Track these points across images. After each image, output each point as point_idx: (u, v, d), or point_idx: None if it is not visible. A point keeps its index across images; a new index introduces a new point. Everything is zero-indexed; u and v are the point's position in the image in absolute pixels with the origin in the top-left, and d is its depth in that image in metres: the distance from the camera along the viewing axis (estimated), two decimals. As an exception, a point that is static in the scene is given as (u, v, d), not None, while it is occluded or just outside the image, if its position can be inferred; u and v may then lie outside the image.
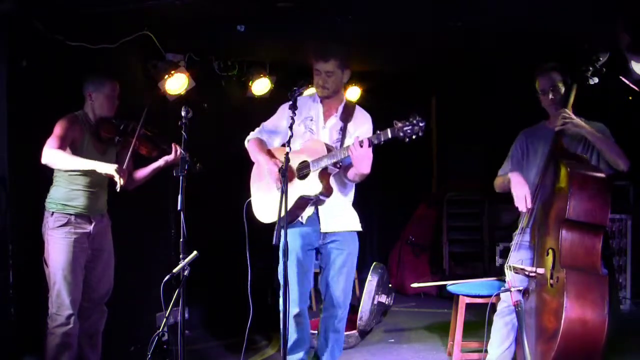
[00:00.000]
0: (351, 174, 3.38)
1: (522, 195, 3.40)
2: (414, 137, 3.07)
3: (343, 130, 3.52)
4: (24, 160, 3.52)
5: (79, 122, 3.57)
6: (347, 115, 3.56)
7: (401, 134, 3.08)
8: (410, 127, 3.06)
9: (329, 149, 3.36)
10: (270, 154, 3.55)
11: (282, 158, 3.45)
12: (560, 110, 3.41)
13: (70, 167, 3.41)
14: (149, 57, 4.48)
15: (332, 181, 3.43)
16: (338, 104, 3.59)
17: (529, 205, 3.40)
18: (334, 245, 3.54)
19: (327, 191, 3.35)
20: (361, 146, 3.15)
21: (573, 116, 3.38)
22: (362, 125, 3.55)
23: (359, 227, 3.63)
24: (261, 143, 3.60)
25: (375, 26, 4.32)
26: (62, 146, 3.39)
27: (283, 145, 3.64)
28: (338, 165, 3.37)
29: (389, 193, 7.27)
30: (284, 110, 3.61)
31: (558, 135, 3.45)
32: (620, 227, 5.66)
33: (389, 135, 3.12)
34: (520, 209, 3.43)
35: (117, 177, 3.36)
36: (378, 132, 3.19)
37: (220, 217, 3.84)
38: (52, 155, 3.35)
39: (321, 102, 3.57)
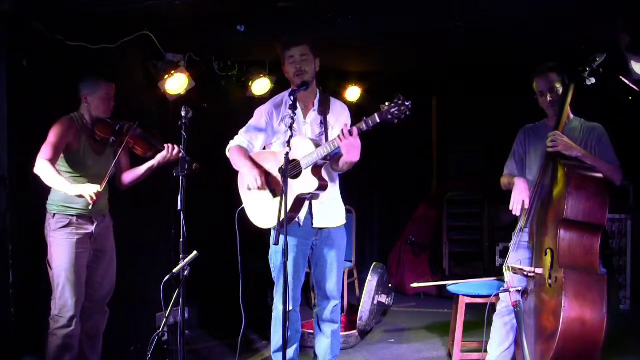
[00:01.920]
0: (341, 163, 3.37)
1: (519, 200, 3.44)
2: (402, 117, 3.06)
3: (324, 123, 3.54)
4: (24, 160, 3.51)
5: (74, 124, 3.56)
6: (324, 107, 3.57)
7: (389, 117, 3.07)
8: (396, 108, 3.05)
9: (316, 144, 3.36)
10: (252, 161, 3.54)
11: (267, 165, 3.49)
12: (551, 133, 3.40)
13: (50, 185, 3.38)
14: (149, 57, 4.48)
15: (324, 175, 3.44)
16: (313, 98, 3.59)
17: (526, 207, 3.42)
18: (326, 242, 3.58)
19: (323, 185, 3.37)
20: (351, 134, 3.15)
21: (564, 138, 3.36)
22: (341, 116, 3.57)
23: (345, 221, 3.68)
24: (242, 150, 3.58)
25: (375, 26, 4.32)
26: (54, 157, 3.39)
27: (264, 148, 3.65)
28: (328, 158, 3.38)
29: (389, 193, 7.28)
30: (261, 111, 3.63)
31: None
32: (620, 227, 5.66)
33: (377, 120, 3.11)
34: (513, 212, 3.47)
35: (87, 197, 3.31)
36: (365, 118, 3.15)
37: (220, 217, 3.85)
38: (41, 168, 3.34)
39: (297, 98, 3.50)
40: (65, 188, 3.35)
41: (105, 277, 3.70)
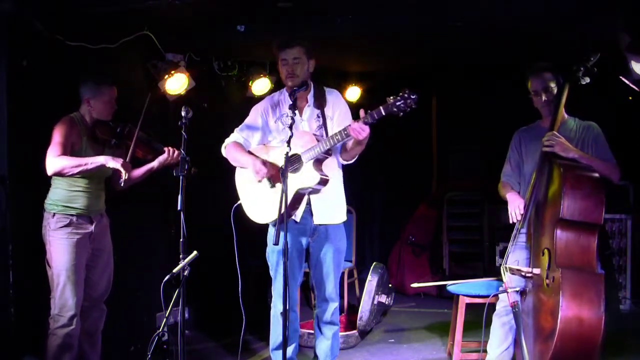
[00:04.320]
0: (349, 145, 3.39)
1: (514, 208, 3.50)
2: (407, 110, 3.09)
3: (322, 117, 3.55)
4: (24, 160, 3.52)
5: (76, 125, 3.56)
6: (320, 101, 3.58)
7: (395, 109, 3.10)
8: (402, 101, 3.08)
9: (317, 138, 3.37)
10: (252, 155, 3.55)
11: (263, 157, 3.50)
12: (548, 134, 3.40)
13: (80, 169, 3.40)
14: (149, 57, 4.48)
15: (326, 170, 3.44)
16: (307, 93, 3.59)
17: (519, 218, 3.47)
18: (323, 243, 3.58)
19: (324, 180, 3.37)
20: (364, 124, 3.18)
21: (561, 139, 3.36)
22: (338, 106, 3.58)
23: (345, 218, 3.68)
24: (240, 146, 3.60)
25: (375, 26, 4.33)
26: (64, 153, 3.40)
27: (264, 144, 3.65)
28: (329, 153, 3.39)
29: (389, 193, 7.28)
30: (257, 110, 3.66)
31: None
32: (620, 227, 5.66)
33: (382, 113, 3.14)
34: (512, 222, 3.51)
35: (123, 172, 3.41)
36: (370, 111, 3.18)
37: (220, 217, 3.85)
38: (59, 163, 3.35)
39: (297, 98, 3.48)
40: (98, 160, 3.42)
41: (102, 276, 3.71)
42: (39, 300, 3.54)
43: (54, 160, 3.36)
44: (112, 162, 3.43)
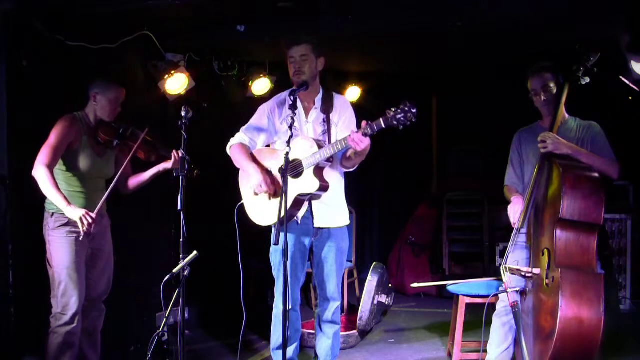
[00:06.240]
0: (349, 152, 3.37)
1: (514, 211, 3.52)
2: (408, 124, 3.08)
3: (327, 122, 3.53)
4: (24, 160, 3.52)
5: (78, 123, 3.56)
6: (327, 105, 3.56)
7: (395, 122, 3.09)
8: (402, 114, 3.07)
9: (320, 145, 3.37)
10: (255, 160, 3.54)
11: (267, 163, 3.50)
12: (542, 134, 3.40)
13: (46, 194, 3.39)
14: (149, 57, 4.48)
15: (327, 176, 3.44)
16: (315, 96, 3.58)
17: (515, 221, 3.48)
18: (326, 243, 3.57)
19: (324, 186, 3.36)
20: (363, 135, 3.17)
21: (551, 136, 3.36)
22: (344, 113, 3.56)
23: (348, 222, 3.68)
24: (244, 148, 3.58)
25: (375, 26, 4.33)
26: (52, 161, 3.40)
27: (267, 145, 3.65)
28: (331, 160, 3.39)
29: (389, 193, 7.28)
30: (264, 109, 3.64)
31: None
32: (620, 227, 5.66)
33: (382, 125, 3.12)
34: (513, 223, 3.52)
35: (79, 224, 3.37)
36: (370, 122, 3.16)
37: (220, 217, 3.86)
38: (40, 176, 3.37)
39: (298, 97, 3.48)
40: (60, 205, 3.37)
41: (101, 276, 3.71)
42: (39, 299, 3.54)
43: (39, 170, 3.37)
44: (71, 214, 3.37)
